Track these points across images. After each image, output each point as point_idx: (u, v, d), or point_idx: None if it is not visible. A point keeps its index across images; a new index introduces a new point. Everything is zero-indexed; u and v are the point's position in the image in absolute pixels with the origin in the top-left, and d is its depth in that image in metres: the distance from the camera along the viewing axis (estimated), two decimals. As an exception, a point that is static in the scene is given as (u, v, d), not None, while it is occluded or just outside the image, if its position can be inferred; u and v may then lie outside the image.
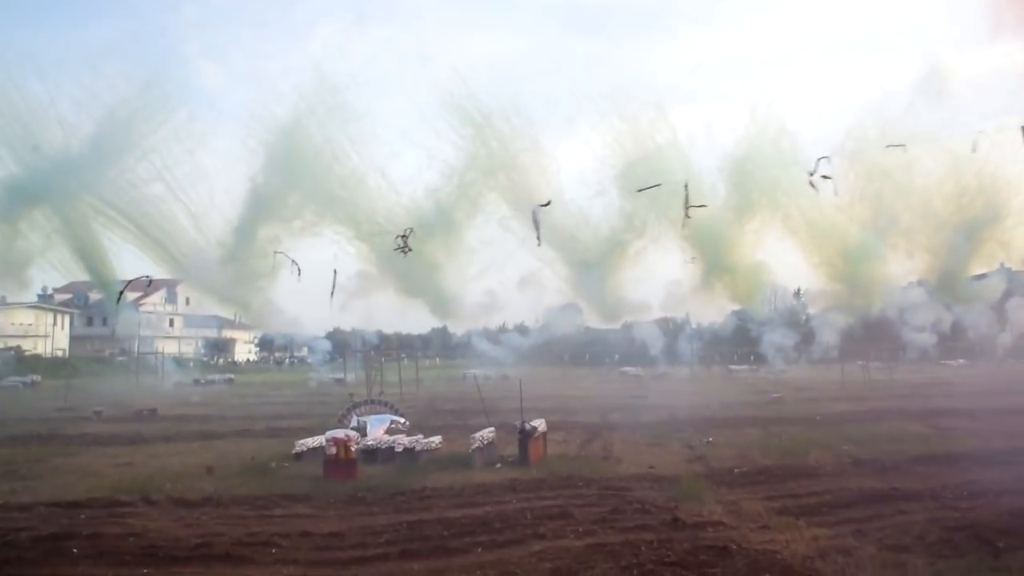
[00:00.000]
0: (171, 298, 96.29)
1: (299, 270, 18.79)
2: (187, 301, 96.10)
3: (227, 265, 35.97)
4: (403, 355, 58.10)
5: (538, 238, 18.41)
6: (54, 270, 39.16)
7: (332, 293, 20.59)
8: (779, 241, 40.10)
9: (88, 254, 37.53)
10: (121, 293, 18.04)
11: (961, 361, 66.05)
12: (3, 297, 79.48)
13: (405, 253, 18.65)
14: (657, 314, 60.10)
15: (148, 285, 17.07)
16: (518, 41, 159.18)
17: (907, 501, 13.05)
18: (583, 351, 77.23)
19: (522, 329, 77.39)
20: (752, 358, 71.96)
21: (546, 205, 18.11)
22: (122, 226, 38.37)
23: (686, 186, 18.05)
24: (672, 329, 72.25)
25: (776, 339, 62.61)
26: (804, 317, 78.88)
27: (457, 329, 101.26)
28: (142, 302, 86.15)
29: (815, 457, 18.32)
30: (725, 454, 19.24)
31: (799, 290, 78.98)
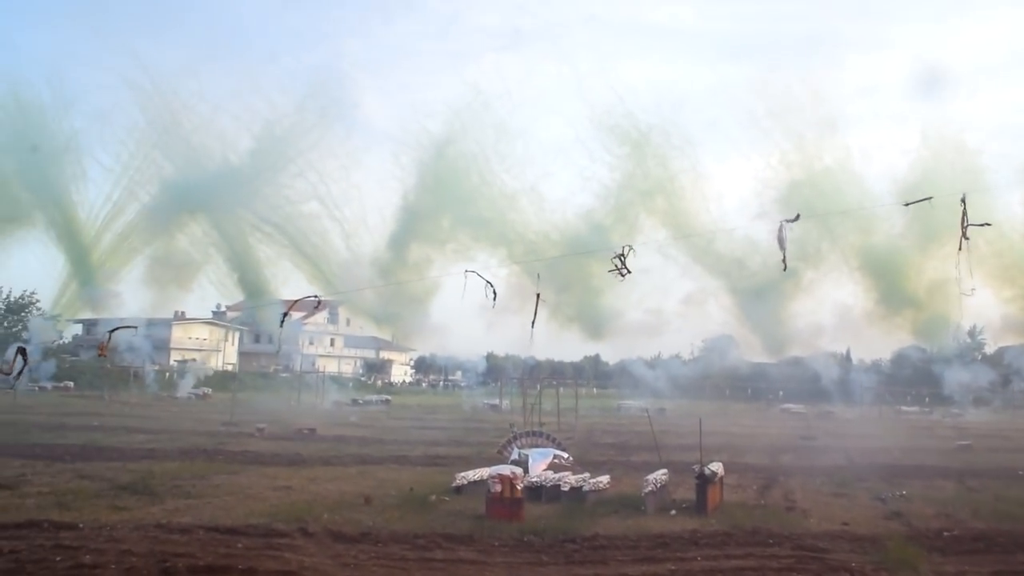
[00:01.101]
0: (333, 318, 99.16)
1: (495, 292, 17.67)
2: (347, 322, 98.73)
3: (380, 285, 36.23)
4: (555, 382, 57.02)
5: (784, 260, 16.32)
6: (211, 286, 40.65)
7: (533, 323, 19.36)
8: (959, 272, 37.04)
9: (245, 269, 38.57)
10: (286, 313, 17.69)
11: None
12: (183, 312, 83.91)
13: (623, 275, 17.18)
14: (823, 348, 56.96)
15: (317, 306, 16.57)
16: (673, 68, 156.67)
17: None
18: (744, 385, 74.04)
19: (678, 360, 75.20)
20: (927, 399, 67.10)
21: (794, 220, 15.95)
22: (277, 242, 39.37)
23: (963, 200, 15.74)
24: (840, 364, 68.31)
25: (965, 378, 57.66)
26: (980, 355, 73.27)
27: (610, 358, 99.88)
28: (307, 321, 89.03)
29: (1037, 522, 15.98)
30: (925, 511, 17.11)
31: (975, 327, 73.21)
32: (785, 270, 17.33)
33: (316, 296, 16.44)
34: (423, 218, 37.61)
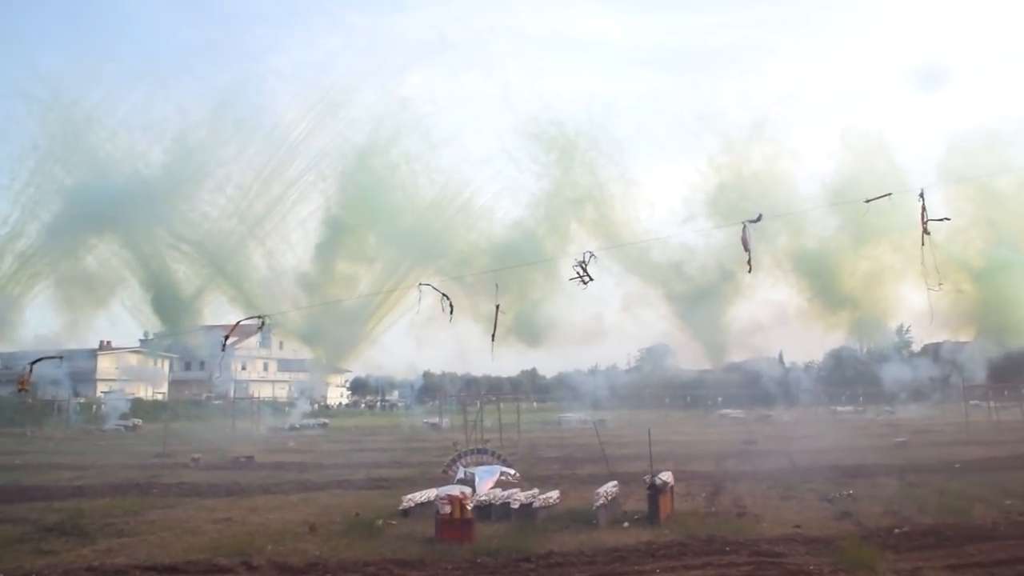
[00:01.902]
0: (266, 342, 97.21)
1: (451, 306, 17.14)
2: (280, 345, 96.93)
3: (317, 304, 35.10)
4: (495, 398, 56.64)
5: (749, 262, 15.98)
6: (125, 311, 38.34)
7: (493, 336, 18.86)
8: (888, 271, 37.77)
9: (161, 290, 36.61)
10: (227, 337, 16.95)
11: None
12: (109, 342, 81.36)
13: (586, 283, 16.73)
14: (759, 352, 57.62)
15: (260, 327, 15.89)
16: (599, 79, 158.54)
17: None
18: (683, 392, 74.63)
19: (616, 370, 75.56)
20: (861, 398, 68.49)
21: (756, 220, 15.61)
22: (196, 261, 37.28)
23: (921, 196, 15.68)
24: (777, 367, 69.35)
25: (906, 375, 58.73)
26: (908, 354, 75.02)
27: (548, 371, 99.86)
28: (239, 346, 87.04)
29: (981, 514, 16.20)
30: (873, 510, 17.24)
31: (901, 326, 75.01)
32: (751, 271, 17.21)
33: (260, 316, 15.81)
34: (349, 233, 36.58)
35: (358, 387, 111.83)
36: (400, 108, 36.89)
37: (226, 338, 16.58)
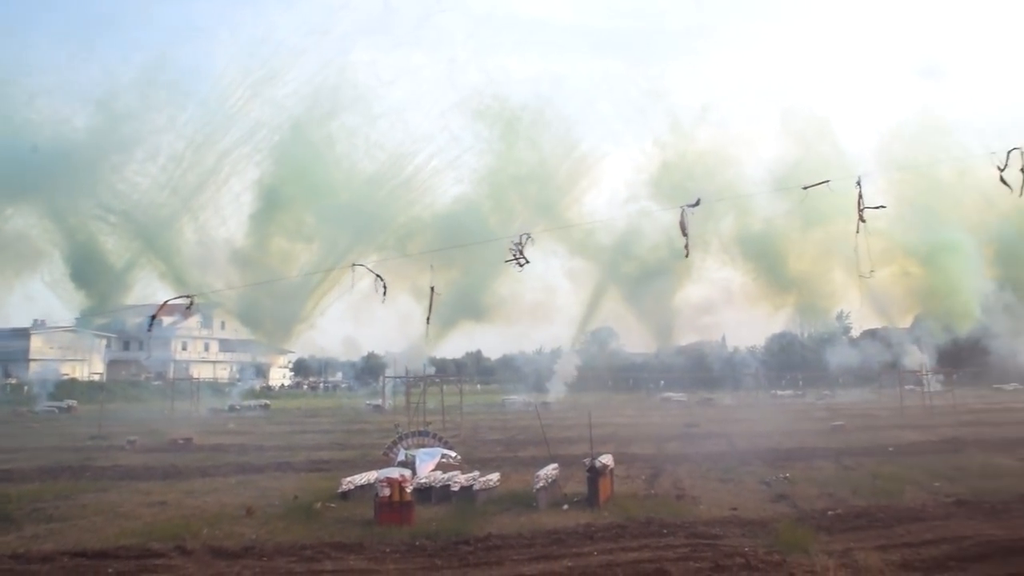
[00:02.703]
0: (206, 322, 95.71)
1: (384, 288, 16.77)
2: (222, 325, 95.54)
3: (254, 282, 34.21)
4: (438, 379, 56.51)
5: (686, 247, 15.98)
6: (46, 287, 36.57)
7: (428, 319, 18.63)
8: (831, 256, 38.20)
9: (87, 265, 35.05)
10: (153, 317, 16.56)
11: (1015, 385, 62.95)
12: (43, 320, 79.22)
13: (521, 265, 16.49)
14: (703, 335, 58.29)
15: (189, 307, 15.55)
16: (546, 61, 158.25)
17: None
18: (626, 375, 75.23)
19: (559, 353, 75.79)
20: (800, 383, 69.68)
21: (695, 205, 15.56)
22: (125, 234, 35.50)
23: (859, 183, 15.82)
24: (719, 351, 70.27)
25: (854, 359, 59.67)
26: (848, 340, 76.52)
27: (493, 353, 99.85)
28: (178, 326, 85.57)
29: (911, 497, 16.61)
30: (809, 492, 17.56)
31: (842, 312, 76.45)
32: (687, 256, 17.26)
33: (188, 296, 15.46)
34: (285, 208, 35.70)
35: (300, 368, 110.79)
36: (341, 80, 36.03)
37: (153, 318, 16.24)
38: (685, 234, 15.92)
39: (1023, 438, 26.84)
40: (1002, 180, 15.43)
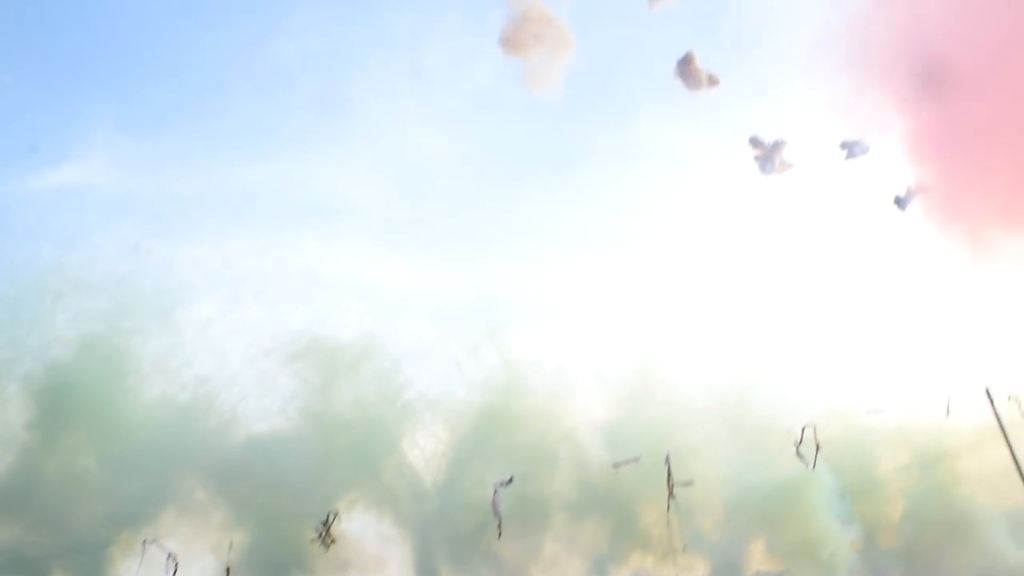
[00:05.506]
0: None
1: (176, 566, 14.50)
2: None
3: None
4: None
5: (499, 526, 15.29)
6: None
7: None
8: (670, 530, 36.36)
9: None
10: None
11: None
12: None
13: (327, 546, 15.36)
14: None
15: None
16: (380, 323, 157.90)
17: None
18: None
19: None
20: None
21: (508, 483, 15.03)
22: None
23: (667, 461, 15.82)
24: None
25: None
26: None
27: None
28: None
29: None
30: None
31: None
32: (500, 536, 16.65)
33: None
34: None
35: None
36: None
37: None
38: (497, 513, 15.54)
39: None
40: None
